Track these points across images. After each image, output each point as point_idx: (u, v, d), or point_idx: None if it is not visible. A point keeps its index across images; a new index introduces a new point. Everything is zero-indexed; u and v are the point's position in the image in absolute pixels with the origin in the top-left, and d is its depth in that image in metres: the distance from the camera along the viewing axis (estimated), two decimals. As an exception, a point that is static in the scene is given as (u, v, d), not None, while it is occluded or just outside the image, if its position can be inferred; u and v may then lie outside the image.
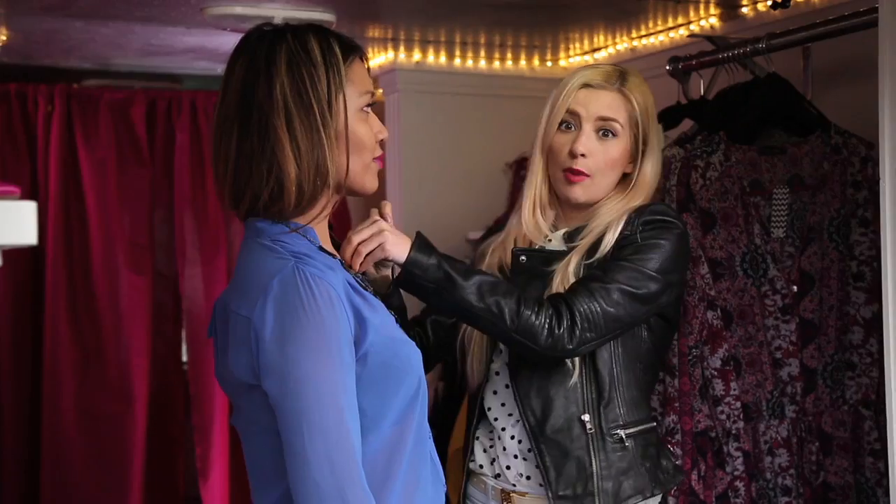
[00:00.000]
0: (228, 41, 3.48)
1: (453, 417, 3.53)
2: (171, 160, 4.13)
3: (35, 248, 3.94)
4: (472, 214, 3.95)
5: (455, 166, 3.97)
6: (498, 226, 2.33)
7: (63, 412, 3.95)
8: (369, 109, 1.71)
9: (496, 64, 3.98)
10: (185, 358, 4.27)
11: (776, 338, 2.49)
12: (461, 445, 3.44)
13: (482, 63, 3.95)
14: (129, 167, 4.07)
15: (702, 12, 3.13)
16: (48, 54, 3.78)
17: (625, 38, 3.53)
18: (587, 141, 2.08)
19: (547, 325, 1.92)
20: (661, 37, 3.39)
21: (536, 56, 3.92)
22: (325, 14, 3.13)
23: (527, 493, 2.09)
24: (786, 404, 2.49)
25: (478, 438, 2.18)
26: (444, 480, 1.76)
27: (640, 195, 2.12)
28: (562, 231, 2.14)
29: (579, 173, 2.08)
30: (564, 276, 2.04)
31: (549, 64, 4.00)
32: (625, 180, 2.15)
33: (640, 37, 3.47)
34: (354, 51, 1.70)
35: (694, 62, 2.82)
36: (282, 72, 1.61)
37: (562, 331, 1.93)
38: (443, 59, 3.87)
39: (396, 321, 1.75)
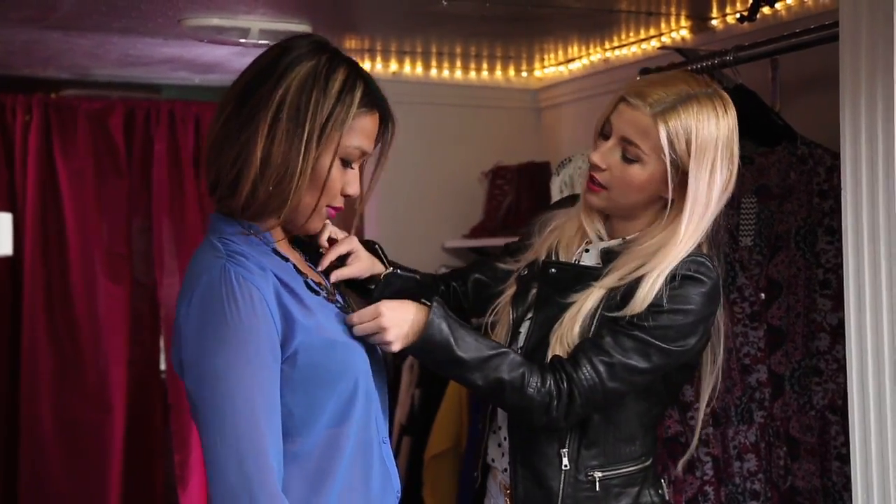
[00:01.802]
0: (206, 52, 3.50)
1: (430, 424, 3.55)
2: (150, 170, 4.14)
3: (13, 257, 3.95)
4: (448, 223, 3.99)
5: (431, 175, 3.99)
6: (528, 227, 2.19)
7: (41, 420, 3.95)
8: (355, 167, 1.71)
9: (472, 74, 4.01)
10: (162, 366, 4.28)
11: (745, 344, 2.52)
12: (439, 451, 3.48)
13: (458, 74, 3.98)
14: (107, 177, 4.08)
15: (673, 24, 3.17)
16: (26, 64, 3.79)
17: (598, 49, 3.57)
18: (607, 154, 1.95)
19: (545, 406, 1.86)
20: (634, 48, 3.43)
21: (512, 67, 3.95)
22: (302, 25, 3.12)
23: None
24: (754, 410, 2.52)
25: (495, 432, 2.11)
26: (397, 486, 1.77)
27: (677, 234, 1.91)
28: (601, 245, 2.04)
29: (596, 183, 1.98)
30: (577, 315, 1.93)
31: (524, 74, 4.04)
32: (670, 204, 1.96)
33: (613, 48, 3.51)
34: (376, 107, 1.71)
35: (664, 74, 2.85)
36: (293, 80, 1.62)
37: (559, 412, 1.87)
38: (419, 69, 3.89)
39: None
